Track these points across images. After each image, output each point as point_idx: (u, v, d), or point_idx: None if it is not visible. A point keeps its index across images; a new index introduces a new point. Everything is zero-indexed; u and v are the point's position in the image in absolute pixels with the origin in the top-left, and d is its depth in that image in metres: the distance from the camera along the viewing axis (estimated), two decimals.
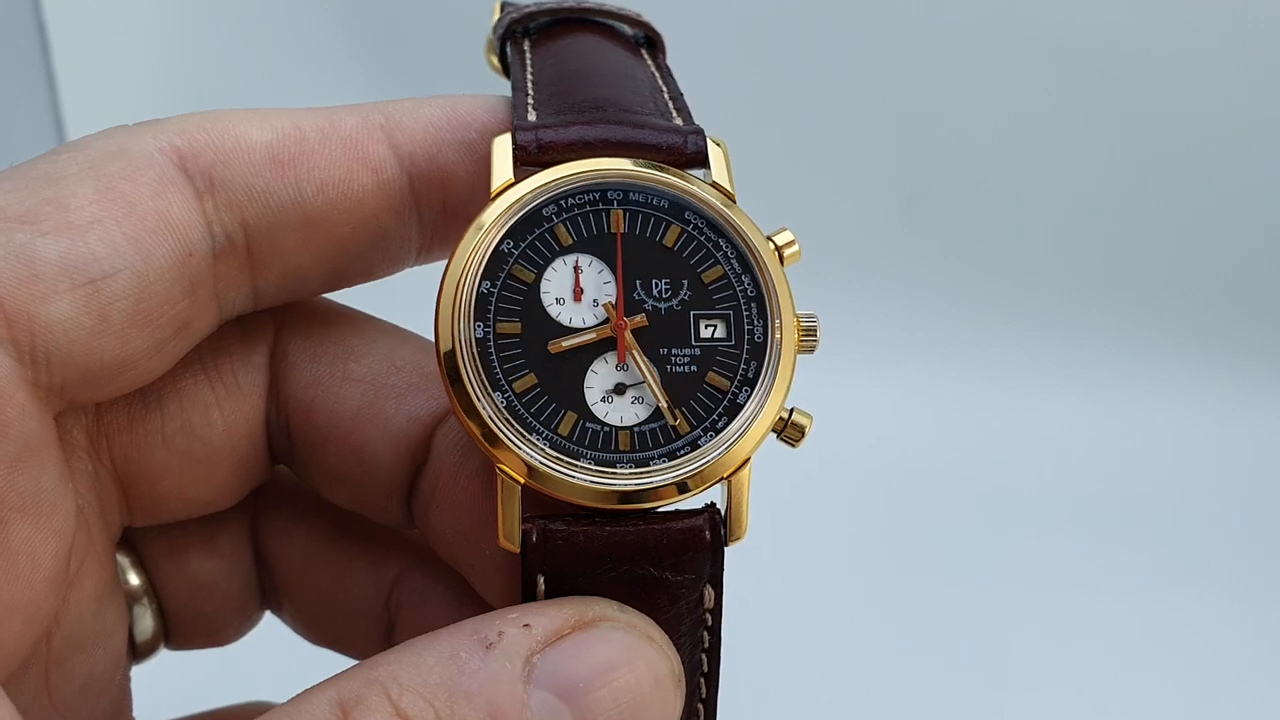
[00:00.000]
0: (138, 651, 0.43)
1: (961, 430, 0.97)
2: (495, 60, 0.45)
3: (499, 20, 0.44)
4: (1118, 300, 1.02)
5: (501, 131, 0.37)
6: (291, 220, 0.36)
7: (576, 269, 0.35)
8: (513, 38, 0.43)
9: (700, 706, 0.37)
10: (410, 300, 0.50)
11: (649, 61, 0.43)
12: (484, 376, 0.34)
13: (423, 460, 0.40)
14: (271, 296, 0.39)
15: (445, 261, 0.36)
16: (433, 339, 0.35)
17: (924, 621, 0.82)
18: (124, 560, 0.43)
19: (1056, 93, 0.99)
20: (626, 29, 0.44)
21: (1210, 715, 0.77)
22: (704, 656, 0.36)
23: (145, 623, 0.43)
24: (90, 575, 0.38)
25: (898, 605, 0.83)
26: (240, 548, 0.44)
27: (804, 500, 0.88)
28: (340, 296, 0.43)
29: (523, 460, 0.34)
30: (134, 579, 0.43)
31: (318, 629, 0.46)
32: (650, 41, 0.44)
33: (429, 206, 0.38)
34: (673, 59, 0.46)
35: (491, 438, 0.34)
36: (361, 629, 0.44)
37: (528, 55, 0.42)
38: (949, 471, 0.94)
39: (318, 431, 0.40)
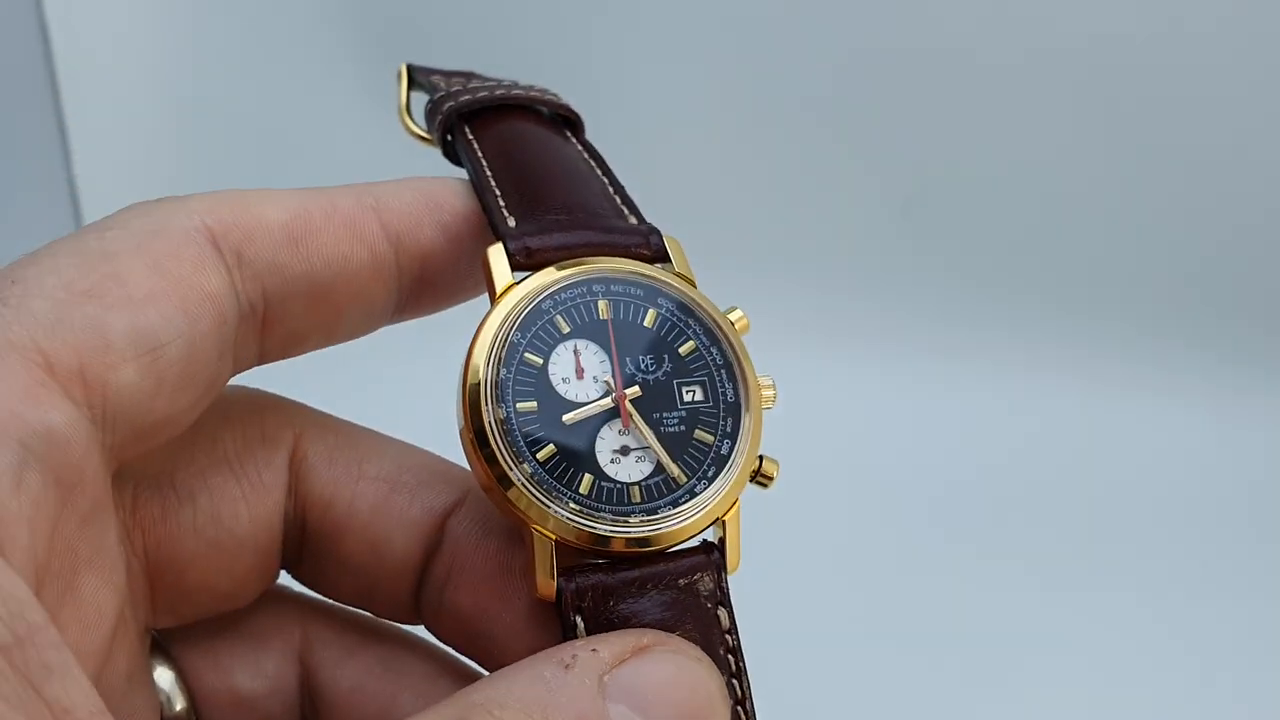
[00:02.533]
0: None
1: (963, 428, 0.99)
2: (414, 127, 0.51)
3: (434, 106, 0.49)
4: (1121, 299, 1.04)
5: (470, 218, 0.44)
6: (301, 290, 0.41)
7: (576, 352, 0.41)
8: (454, 123, 0.49)
9: None
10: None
11: (575, 142, 0.49)
12: (513, 451, 0.39)
13: (434, 546, 0.44)
14: (274, 354, 0.43)
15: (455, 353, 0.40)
16: (456, 428, 0.40)
17: (923, 620, 0.84)
18: (167, 675, 0.45)
19: (1055, 92, 1.00)
20: (547, 111, 0.51)
21: (1210, 713, 0.79)
22: (735, 682, 0.40)
23: None
24: (123, 652, 0.40)
25: (896, 603, 0.85)
26: (286, 670, 0.47)
27: (805, 499, 0.86)
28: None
29: (554, 519, 0.39)
30: (179, 705, 0.45)
31: None
32: (569, 121, 0.51)
33: (408, 276, 0.44)
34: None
35: (525, 503, 0.39)
36: None
37: (475, 145, 0.47)
38: (948, 469, 0.96)
39: (335, 524, 0.44)
